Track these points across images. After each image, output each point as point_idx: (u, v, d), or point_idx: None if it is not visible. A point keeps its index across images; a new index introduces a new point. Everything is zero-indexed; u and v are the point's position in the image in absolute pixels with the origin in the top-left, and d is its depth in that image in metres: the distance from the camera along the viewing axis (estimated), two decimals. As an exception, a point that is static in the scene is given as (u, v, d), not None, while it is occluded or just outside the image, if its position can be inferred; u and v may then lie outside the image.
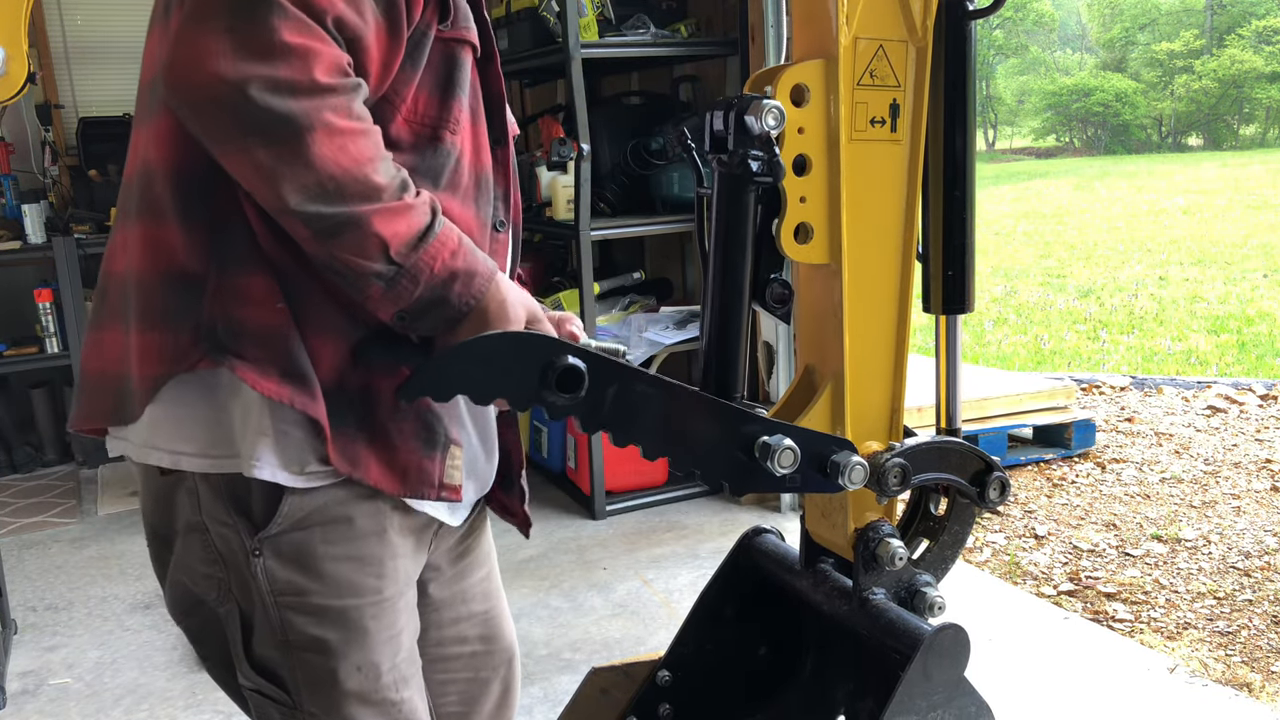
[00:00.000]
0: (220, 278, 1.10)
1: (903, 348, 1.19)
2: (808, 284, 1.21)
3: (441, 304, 1.07)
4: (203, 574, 1.20)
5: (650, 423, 1.07)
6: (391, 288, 1.05)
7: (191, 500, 1.17)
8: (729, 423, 1.10)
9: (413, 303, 1.06)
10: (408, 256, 1.04)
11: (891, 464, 1.13)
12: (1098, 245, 12.26)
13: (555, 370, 1.02)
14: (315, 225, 1.01)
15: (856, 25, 1.10)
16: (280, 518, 1.13)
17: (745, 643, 1.34)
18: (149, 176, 1.13)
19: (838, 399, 1.16)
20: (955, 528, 1.26)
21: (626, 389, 1.06)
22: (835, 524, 1.21)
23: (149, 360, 1.12)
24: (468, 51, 1.19)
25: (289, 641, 1.17)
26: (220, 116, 0.99)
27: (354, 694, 1.17)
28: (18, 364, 4.88)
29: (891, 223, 1.16)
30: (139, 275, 1.13)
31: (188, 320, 1.10)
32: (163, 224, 1.12)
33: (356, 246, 1.02)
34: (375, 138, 1.03)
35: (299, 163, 0.98)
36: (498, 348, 1.02)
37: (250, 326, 1.09)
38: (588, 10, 3.74)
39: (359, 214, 1.01)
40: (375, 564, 1.18)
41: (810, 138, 1.12)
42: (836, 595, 1.22)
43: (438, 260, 1.06)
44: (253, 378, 1.08)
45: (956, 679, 1.11)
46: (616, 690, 1.32)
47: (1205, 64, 39.40)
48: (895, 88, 1.14)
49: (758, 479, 1.11)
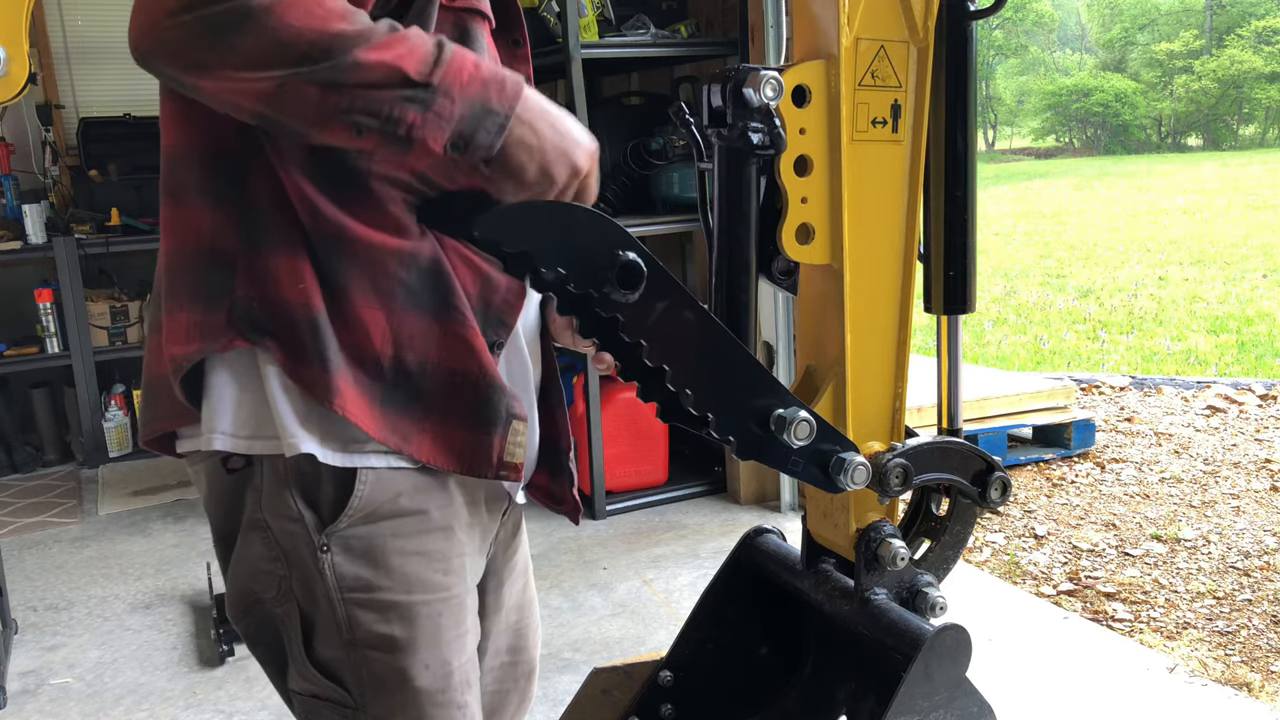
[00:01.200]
0: (251, 257, 1.07)
1: (904, 348, 1.19)
2: (809, 284, 1.21)
3: (488, 113, 1.00)
4: (263, 570, 1.15)
5: (685, 351, 1.06)
6: (428, 109, 0.97)
7: (255, 497, 1.14)
8: (758, 381, 1.09)
9: (457, 121, 0.99)
10: (431, 74, 0.97)
11: (893, 464, 1.13)
12: (1097, 245, 12.26)
13: (619, 262, 1.00)
14: (321, 80, 0.95)
15: (858, 26, 1.11)
16: (350, 510, 1.10)
17: (747, 643, 1.34)
18: (170, 160, 1.11)
19: (839, 399, 1.16)
20: (957, 528, 1.26)
21: (676, 309, 1.04)
22: (837, 524, 1.21)
23: (177, 339, 1.09)
24: (481, 23, 1.13)
25: (355, 639, 1.13)
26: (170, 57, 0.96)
27: (424, 692, 1.13)
28: (18, 364, 4.88)
29: (893, 223, 1.16)
30: (169, 258, 1.11)
31: (221, 299, 1.07)
32: (188, 204, 1.09)
33: (373, 82, 0.95)
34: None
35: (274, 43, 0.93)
36: (579, 217, 1.00)
37: (282, 307, 1.06)
38: (588, 10, 3.74)
39: (359, 56, 0.94)
40: (443, 560, 1.15)
41: (812, 138, 1.12)
42: (838, 595, 1.22)
43: (464, 72, 0.99)
44: (284, 360, 1.06)
45: (958, 679, 1.11)
46: (618, 690, 1.32)
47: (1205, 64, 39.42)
48: (897, 88, 1.14)
49: (765, 449, 1.10)
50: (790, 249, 1.13)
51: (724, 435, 1.09)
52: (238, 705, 2.70)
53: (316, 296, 1.06)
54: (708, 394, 1.07)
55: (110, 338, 4.97)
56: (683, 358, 1.06)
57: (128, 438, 5.07)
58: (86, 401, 4.91)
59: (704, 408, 1.07)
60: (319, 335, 1.06)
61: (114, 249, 4.91)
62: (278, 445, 1.09)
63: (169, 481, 4.68)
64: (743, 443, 1.10)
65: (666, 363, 1.05)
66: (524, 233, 0.99)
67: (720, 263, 1.17)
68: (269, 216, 1.07)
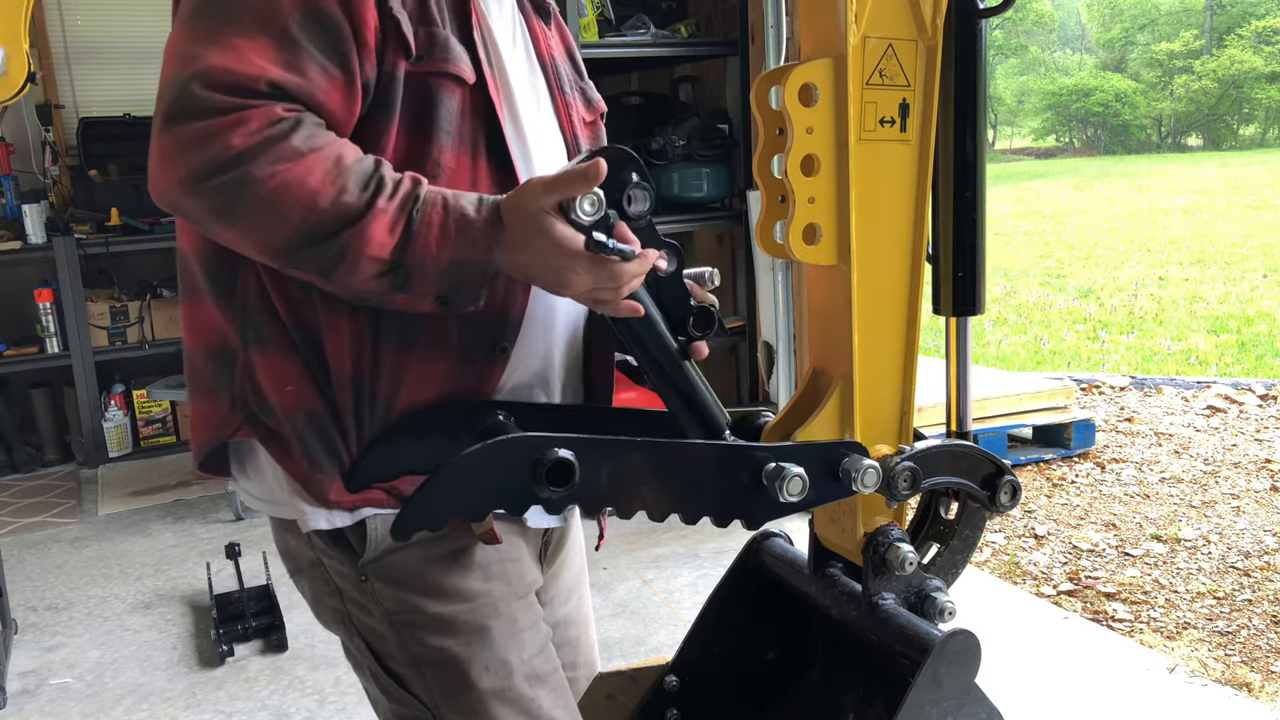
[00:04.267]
0: (246, 353, 1.14)
1: (913, 350, 1.17)
2: (816, 285, 1.20)
3: (465, 271, 1.05)
4: (330, 607, 1.24)
5: (652, 488, 1.06)
6: (409, 288, 1.04)
7: (304, 538, 1.21)
8: (730, 462, 1.09)
9: (436, 287, 1.04)
10: (403, 254, 1.02)
11: (901, 467, 1.12)
12: (1097, 245, 12.26)
13: (544, 466, 0.99)
14: (313, 267, 1.03)
15: (866, 24, 1.10)
16: (372, 543, 1.16)
17: (753, 647, 1.33)
18: (185, 260, 1.19)
19: (847, 402, 1.15)
20: (966, 532, 1.24)
21: (620, 463, 1.03)
22: (844, 528, 1.20)
23: (199, 427, 1.21)
24: (452, 86, 1.12)
25: (414, 659, 1.18)
26: (190, 216, 1.04)
27: (490, 693, 1.17)
28: (18, 364, 4.88)
29: (901, 223, 1.15)
30: (189, 350, 1.22)
31: (225, 391, 1.17)
32: (201, 303, 1.18)
33: (354, 271, 1.02)
34: (326, 159, 1.01)
35: (266, 222, 1.00)
36: (477, 463, 0.98)
37: (271, 400, 1.14)
38: (588, 10, 3.74)
39: (344, 240, 1.01)
40: (478, 567, 1.19)
41: (819, 138, 1.11)
42: (845, 600, 1.20)
43: (431, 238, 1.03)
44: (277, 454, 1.15)
45: (967, 685, 1.10)
46: (623, 695, 1.32)
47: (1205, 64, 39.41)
48: (905, 87, 1.13)
49: (770, 509, 1.10)
50: (797, 250, 1.12)
51: (726, 524, 1.10)
52: (238, 705, 2.70)
53: (304, 392, 1.13)
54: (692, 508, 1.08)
55: (110, 338, 4.97)
56: (651, 497, 1.06)
57: (127, 438, 5.07)
58: (86, 401, 4.90)
59: (696, 518, 1.08)
60: (304, 434, 1.13)
61: (114, 249, 4.90)
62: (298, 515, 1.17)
63: (169, 482, 4.67)
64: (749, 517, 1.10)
65: (639, 510, 1.06)
66: (441, 511, 1.00)
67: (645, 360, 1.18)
68: (257, 314, 1.14)
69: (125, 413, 5.05)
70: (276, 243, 1.01)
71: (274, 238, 1.01)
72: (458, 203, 1.05)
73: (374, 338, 1.12)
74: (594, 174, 1.02)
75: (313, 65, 1.02)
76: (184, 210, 1.03)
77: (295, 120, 1.00)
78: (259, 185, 0.98)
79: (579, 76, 1.37)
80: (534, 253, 1.04)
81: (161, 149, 1.00)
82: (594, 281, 1.05)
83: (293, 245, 1.01)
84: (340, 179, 1.01)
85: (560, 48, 1.36)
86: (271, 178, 0.98)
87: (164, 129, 0.99)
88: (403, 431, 1.14)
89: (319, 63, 1.03)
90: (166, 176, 1.01)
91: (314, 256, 1.02)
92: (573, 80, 1.35)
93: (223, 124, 0.98)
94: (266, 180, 0.98)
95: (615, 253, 1.04)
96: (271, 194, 0.99)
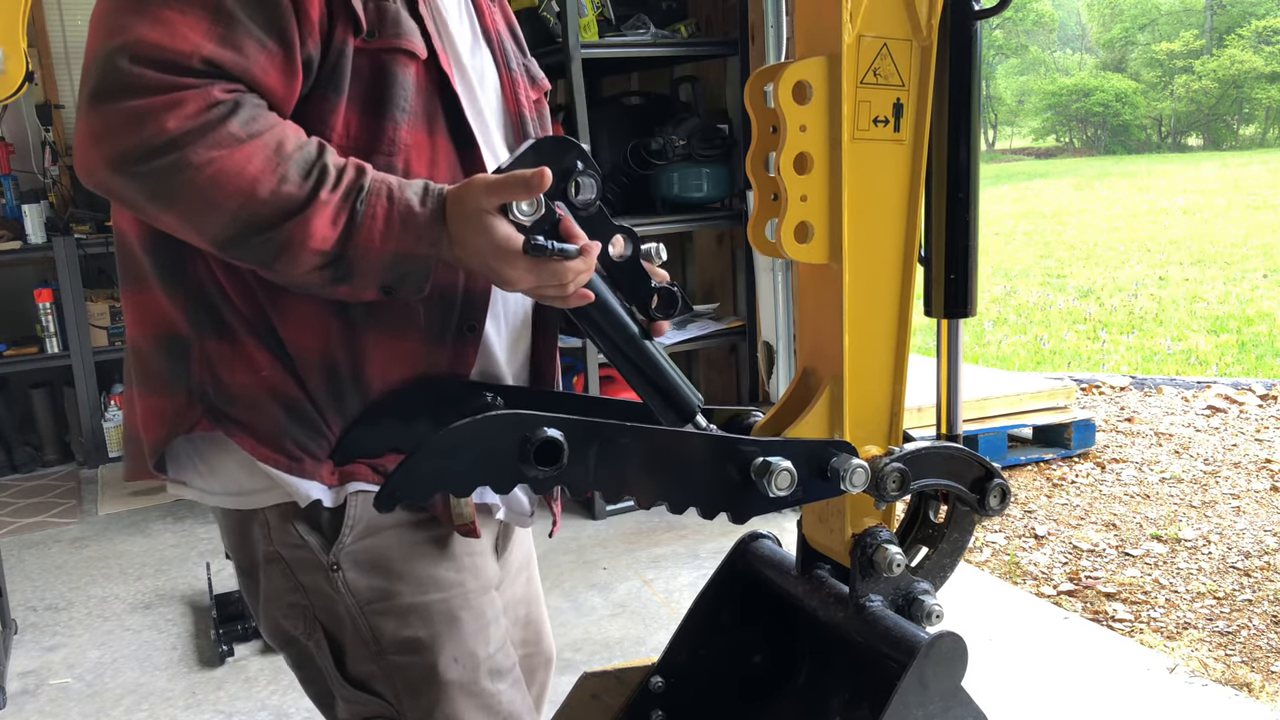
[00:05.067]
0: (202, 341, 1.10)
1: (903, 350, 1.17)
2: (808, 284, 1.20)
3: (409, 262, 1.03)
4: (288, 603, 1.19)
5: (639, 474, 1.05)
6: (351, 278, 1.02)
7: (263, 531, 1.17)
8: (719, 454, 1.08)
9: (380, 277, 1.03)
10: (346, 245, 1.00)
11: (890, 469, 1.12)
12: (1098, 245, 12.25)
13: (533, 445, 0.98)
14: (252, 257, 1.01)
15: (860, 23, 1.10)
16: (349, 526, 1.13)
17: (740, 649, 1.32)
18: (125, 243, 1.14)
19: (836, 401, 1.15)
20: (954, 535, 1.24)
21: (609, 446, 1.03)
22: (832, 529, 1.20)
23: (151, 424, 1.14)
24: (405, 62, 1.09)
25: (382, 649, 1.16)
26: (121, 199, 1.00)
27: (456, 685, 1.16)
28: (18, 364, 4.88)
29: (893, 224, 1.15)
30: (134, 340, 1.16)
31: (180, 383, 1.11)
32: (146, 290, 1.13)
33: (296, 263, 1.00)
34: (267, 146, 0.97)
35: (203, 210, 0.97)
36: (467, 436, 0.98)
37: (235, 390, 1.10)
38: (588, 10, 3.74)
39: (285, 231, 0.98)
40: (452, 559, 1.18)
41: (812, 136, 1.11)
42: (833, 602, 1.20)
43: (375, 229, 1.01)
44: (248, 444, 1.10)
45: (953, 688, 1.09)
46: (608, 695, 1.31)
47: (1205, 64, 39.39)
48: (899, 87, 1.13)
49: (757, 503, 1.09)
50: (789, 248, 1.12)
51: (712, 516, 1.09)
52: (238, 705, 2.70)
53: (277, 376, 1.10)
54: (678, 497, 1.07)
55: (110, 337, 4.97)
56: (639, 483, 1.05)
57: (127, 437, 5.07)
58: (86, 401, 4.91)
59: (682, 507, 1.08)
60: (280, 419, 1.10)
61: (113, 249, 4.89)
62: (268, 498, 1.14)
63: (168, 481, 4.68)
64: (735, 510, 1.10)
65: (626, 495, 1.05)
66: (427, 482, 0.99)
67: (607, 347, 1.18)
68: (212, 300, 1.10)
69: (125, 413, 5.06)
70: (212, 232, 0.98)
71: (210, 227, 0.98)
72: (403, 194, 1.02)
73: (340, 320, 1.10)
74: (536, 183, 1.01)
75: (250, 41, 0.98)
76: (114, 192, 0.98)
77: (234, 103, 0.97)
78: (194, 172, 0.95)
79: (522, 54, 1.34)
80: (474, 251, 1.03)
81: (89, 127, 0.96)
82: (537, 280, 1.04)
83: (230, 235, 0.98)
84: (281, 167, 0.98)
85: (504, 23, 1.32)
86: (208, 164, 0.95)
87: (91, 106, 0.95)
88: (389, 410, 1.13)
89: (256, 38, 0.98)
90: (94, 156, 0.96)
91: (253, 246, 0.99)
92: (517, 57, 1.32)
93: (155, 104, 0.93)
94: (203, 167, 0.94)
95: (556, 253, 1.03)
96: (208, 181, 0.95)
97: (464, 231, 1.02)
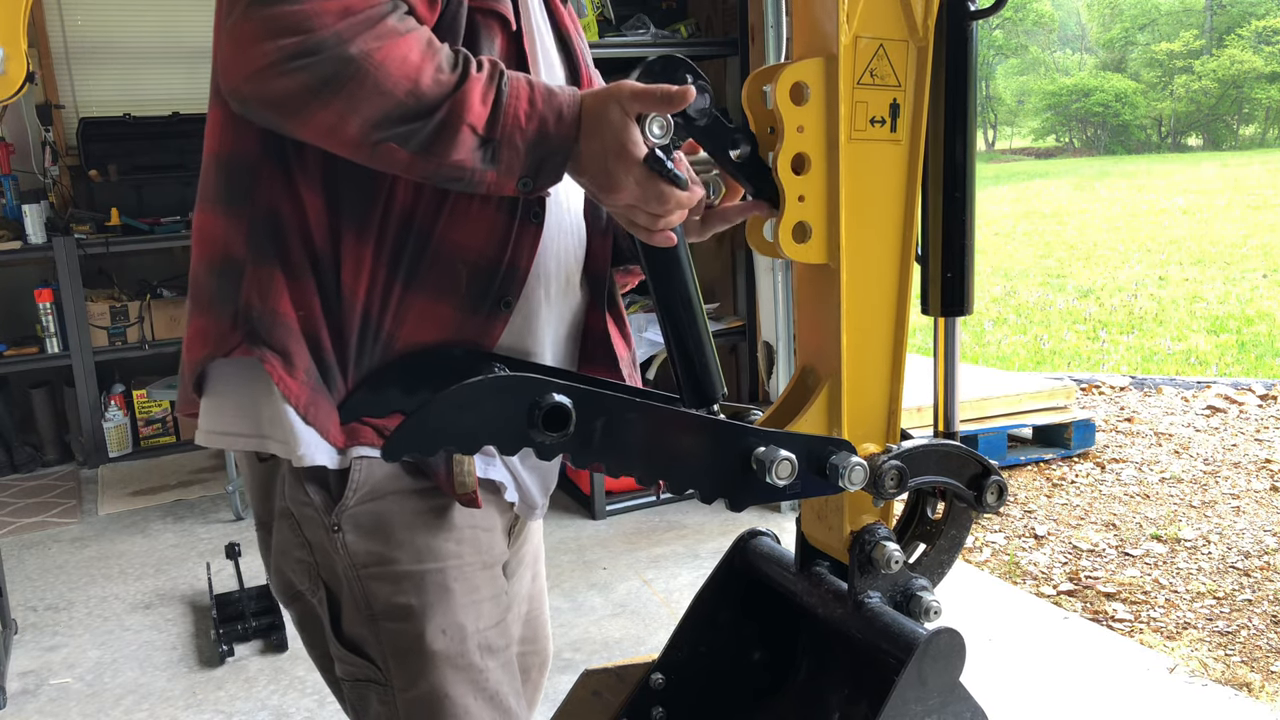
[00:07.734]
0: (256, 265, 1.12)
1: (901, 349, 1.18)
2: (806, 284, 1.20)
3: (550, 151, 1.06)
4: (296, 559, 1.22)
5: (643, 450, 1.06)
6: (498, 162, 1.04)
7: (282, 487, 1.19)
8: (723, 439, 1.09)
9: (523, 167, 1.05)
10: (495, 129, 1.03)
11: (889, 466, 1.13)
12: (1097, 245, 12.25)
13: (541, 410, 0.99)
14: (412, 143, 1.02)
15: (857, 24, 1.10)
16: (353, 489, 1.15)
17: (739, 646, 1.33)
18: (205, 165, 1.17)
19: (835, 400, 1.15)
20: (952, 532, 1.25)
21: (615, 419, 1.03)
22: (831, 526, 1.20)
23: (195, 344, 1.16)
24: (493, 24, 1.15)
25: (374, 613, 1.17)
26: (273, 101, 1.01)
27: (441, 655, 1.17)
28: (18, 364, 4.89)
29: (891, 223, 1.15)
30: (194, 262, 1.18)
31: (228, 305, 1.13)
32: (212, 211, 1.16)
33: (454, 145, 1.02)
34: (420, 39, 1.02)
35: (373, 95, 0.99)
36: (478, 394, 0.98)
37: (280, 318, 1.11)
38: (588, 10, 3.74)
39: (446, 113, 1.01)
40: (452, 529, 1.19)
41: (809, 136, 1.11)
42: (831, 599, 1.20)
43: (521, 113, 1.04)
44: (277, 373, 1.10)
45: (951, 684, 1.09)
46: (609, 692, 1.31)
47: (1205, 64, 39.39)
48: (896, 87, 1.13)
49: (756, 492, 1.10)
50: (787, 248, 1.12)
51: (710, 500, 1.10)
52: (238, 705, 2.70)
53: (315, 315, 1.11)
54: (678, 477, 1.08)
55: (110, 338, 4.97)
56: (641, 458, 1.06)
57: (127, 438, 5.08)
58: (86, 401, 4.91)
59: (682, 488, 1.08)
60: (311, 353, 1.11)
61: (114, 249, 4.91)
62: (285, 448, 1.14)
63: (168, 481, 4.68)
64: (733, 497, 1.10)
65: (628, 470, 1.06)
66: (434, 436, 0.99)
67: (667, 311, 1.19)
68: (273, 227, 1.12)
69: (125, 413, 5.06)
70: (374, 118, 1.00)
71: (373, 113, 1.00)
72: (540, 80, 1.07)
73: (389, 269, 1.12)
74: (680, 98, 1.04)
75: None
76: (270, 92, 1.00)
77: (392, 3, 1.02)
78: (365, 59, 0.98)
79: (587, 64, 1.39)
80: (598, 149, 1.05)
81: (250, 30, 0.98)
82: (642, 195, 1.06)
83: (392, 119, 1.00)
84: (435, 56, 1.02)
85: (573, 27, 1.37)
86: (377, 51, 0.99)
87: (251, 9, 0.98)
88: (398, 373, 1.14)
89: None
90: (255, 59, 0.99)
91: (412, 133, 1.01)
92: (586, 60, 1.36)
93: (322, 4, 0.98)
94: (372, 53, 0.99)
95: (670, 176, 1.06)
96: (377, 67, 0.99)
97: (597, 125, 1.06)
